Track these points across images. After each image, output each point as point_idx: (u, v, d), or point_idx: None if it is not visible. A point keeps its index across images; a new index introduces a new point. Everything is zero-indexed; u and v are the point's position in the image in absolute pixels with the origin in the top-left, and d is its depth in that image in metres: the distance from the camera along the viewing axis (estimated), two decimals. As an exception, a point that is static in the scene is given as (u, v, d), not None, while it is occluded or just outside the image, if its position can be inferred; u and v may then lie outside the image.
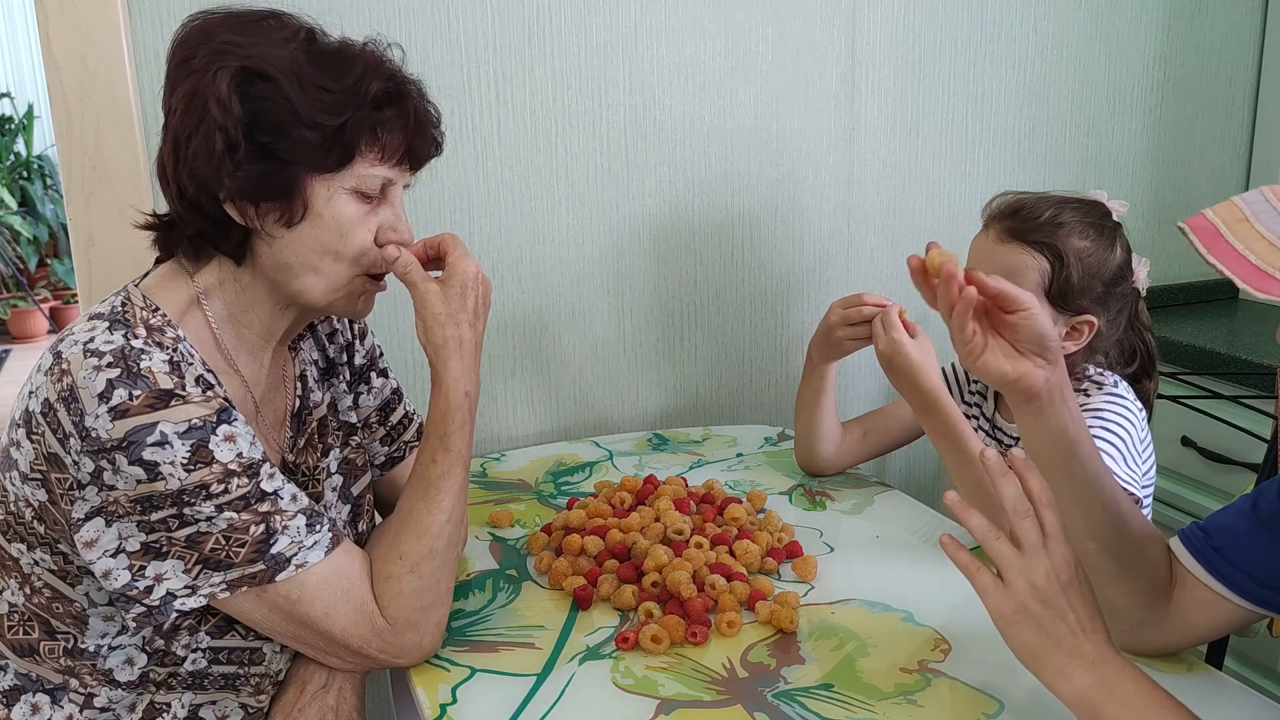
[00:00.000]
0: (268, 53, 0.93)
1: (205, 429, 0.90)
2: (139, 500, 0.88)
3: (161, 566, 0.90)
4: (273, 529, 0.92)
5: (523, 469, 1.57)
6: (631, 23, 1.65)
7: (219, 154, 0.92)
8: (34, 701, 0.99)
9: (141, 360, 0.89)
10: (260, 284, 1.00)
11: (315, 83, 0.93)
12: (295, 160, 0.93)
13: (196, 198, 0.95)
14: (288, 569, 0.93)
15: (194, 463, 0.89)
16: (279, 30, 0.96)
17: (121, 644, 0.98)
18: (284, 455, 1.07)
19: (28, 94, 5.40)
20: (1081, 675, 0.81)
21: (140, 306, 0.96)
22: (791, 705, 0.96)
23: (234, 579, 0.91)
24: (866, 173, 1.86)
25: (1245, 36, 2.10)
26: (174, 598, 0.91)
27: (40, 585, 0.96)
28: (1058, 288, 1.24)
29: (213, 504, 0.90)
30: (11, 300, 5.19)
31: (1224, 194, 2.13)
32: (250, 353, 1.03)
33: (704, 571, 1.15)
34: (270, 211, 0.95)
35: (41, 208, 5.23)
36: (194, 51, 0.94)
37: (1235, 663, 1.75)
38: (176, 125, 0.94)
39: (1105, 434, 1.21)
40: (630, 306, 1.76)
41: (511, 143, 1.62)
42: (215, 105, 0.91)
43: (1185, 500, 1.85)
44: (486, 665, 1.04)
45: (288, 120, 0.92)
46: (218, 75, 0.91)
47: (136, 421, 0.87)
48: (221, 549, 0.90)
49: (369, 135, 0.96)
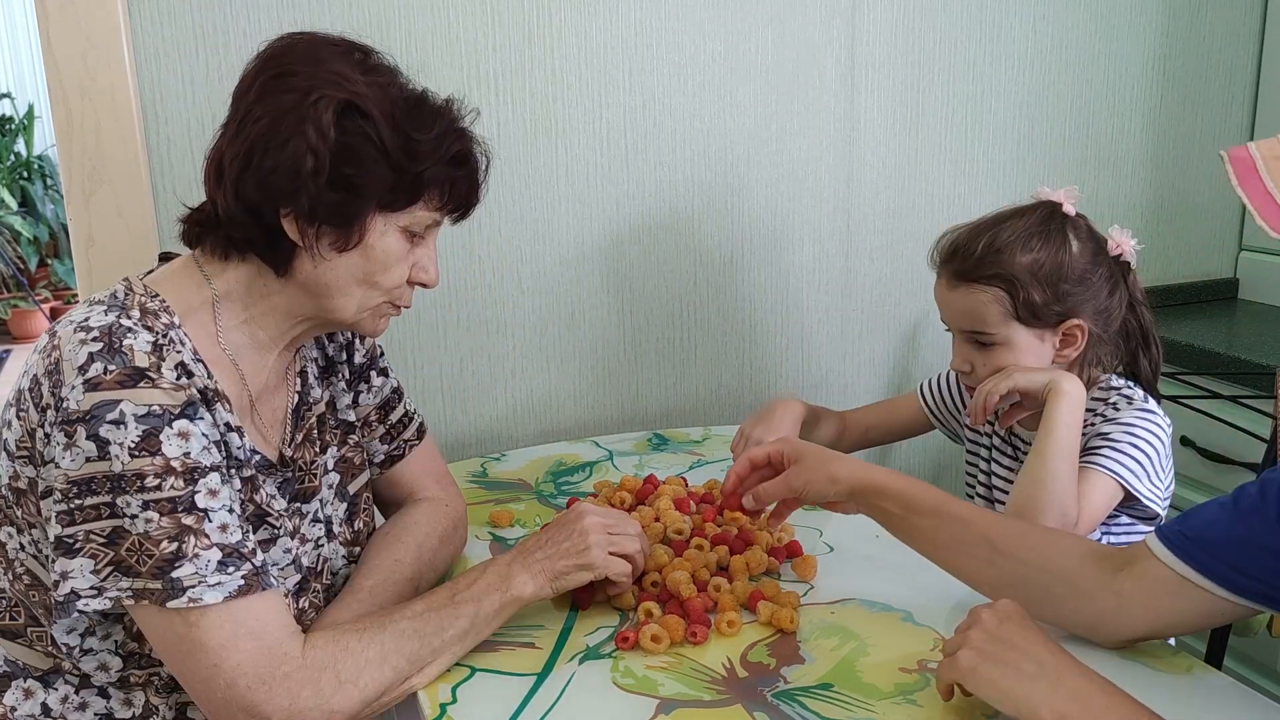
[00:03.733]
0: (371, 91, 0.97)
1: (163, 418, 0.89)
2: (77, 483, 0.88)
3: (69, 564, 0.89)
4: (183, 551, 0.89)
5: (523, 469, 1.57)
6: (631, 23, 1.65)
7: (305, 175, 0.94)
8: (26, 687, 0.99)
9: (125, 338, 0.90)
10: (288, 294, 1.02)
11: (406, 129, 0.98)
12: (368, 195, 0.97)
13: (257, 205, 0.96)
14: (180, 598, 0.89)
15: (140, 449, 0.88)
16: (373, 65, 1.00)
17: (91, 648, 0.97)
18: (281, 450, 1.07)
19: (28, 94, 5.40)
20: (1053, 695, 0.82)
21: (140, 294, 0.97)
22: (791, 705, 0.96)
23: (138, 588, 0.89)
24: (866, 173, 1.86)
25: (1245, 36, 2.10)
26: (77, 597, 0.89)
27: (21, 571, 0.97)
28: (1024, 310, 1.22)
29: (141, 498, 0.88)
30: (12, 300, 5.19)
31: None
32: (257, 351, 1.04)
33: (704, 572, 1.15)
34: (326, 234, 0.98)
35: (42, 208, 5.23)
36: (294, 69, 0.96)
37: (1235, 663, 1.75)
38: (258, 134, 0.95)
39: (1133, 450, 1.19)
40: (630, 306, 1.76)
41: (511, 143, 1.62)
42: (314, 129, 0.94)
43: (1185, 500, 1.84)
44: (486, 665, 1.04)
45: (374, 158, 0.96)
46: (321, 102, 0.94)
47: (103, 396, 0.88)
48: (135, 552, 0.89)
49: (438, 186, 1.01)
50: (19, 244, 5.14)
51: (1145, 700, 0.83)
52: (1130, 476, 1.18)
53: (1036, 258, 1.22)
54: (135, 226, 1.44)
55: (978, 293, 1.24)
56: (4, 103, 5.29)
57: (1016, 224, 1.25)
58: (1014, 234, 1.23)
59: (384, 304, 1.05)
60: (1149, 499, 1.19)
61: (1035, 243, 1.23)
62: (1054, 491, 1.15)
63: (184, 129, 1.45)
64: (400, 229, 1.01)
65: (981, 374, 1.26)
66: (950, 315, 1.30)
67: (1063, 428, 1.17)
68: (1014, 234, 1.23)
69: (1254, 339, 1.91)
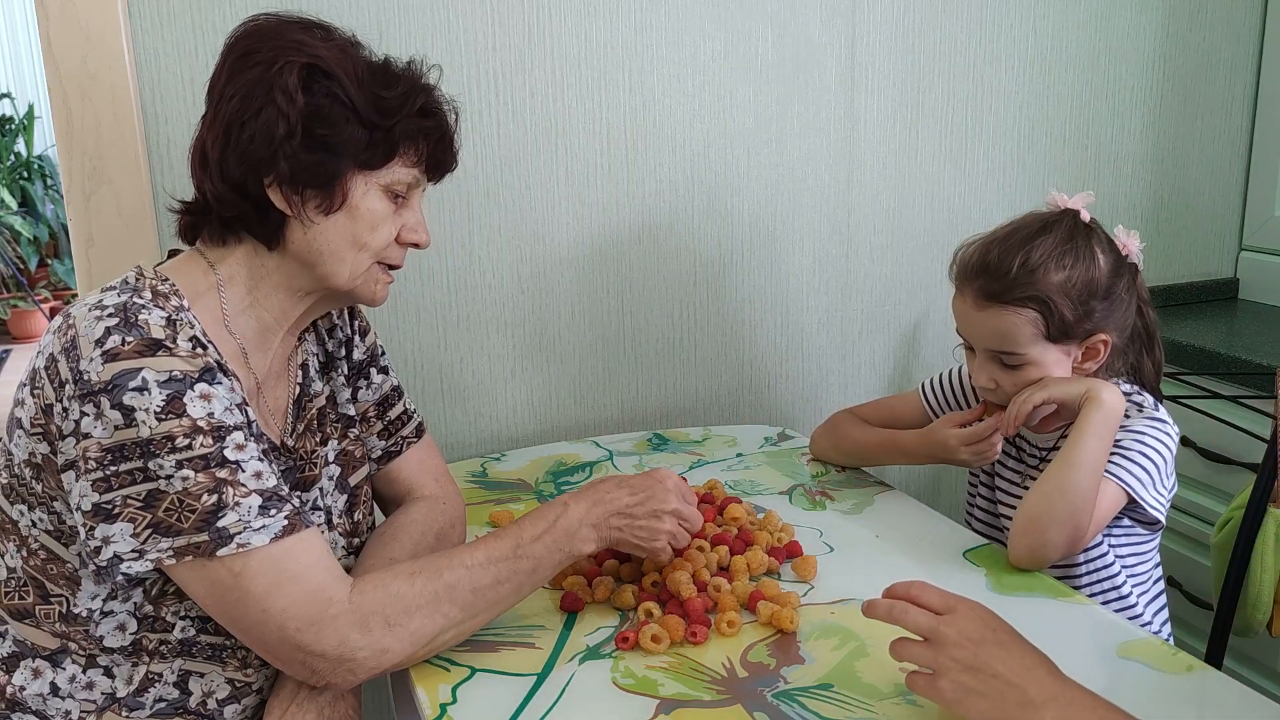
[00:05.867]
0: (332, 54, 1.01)
1: (184, 382, 0.92)
2: (110, 449, 0.90)
3: (110, 529, 0.91)
4: (224, 501, 0.92)
5: (523, 469, 1.57)
6: (631, 23, 1.65)
7: (279, 139, 0.98)
8: (34, 666, 1.00)
9: (140, 313, 0.94)
10: (286, 269, 1.05)
11: (371, 86, 1.01)
12: (344, 154, 1.01)
13: (242, 181, 1.00)
14: (229, 545, 0.92)
15: (166, 413, 0.90)
16: (334, 37, 1.04)
17: (113, 610, 0.99)
18: (284, 439, 1.09)
19: (28, 94, 5.40)
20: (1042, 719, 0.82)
21: (151, 278, 1.00)
22: (791, 705, 0.96)
23: (180, 546, 0.91)
24: (866, 172, 1.86)
25: (1244, 36, 2.10)
26: (120, 560, 0.92)
27: (37, 547, 0.98)
28: (1055, 330, 1.20)
29: (175, 459, 0.90)
30: (12, 300, 5.19)
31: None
32: (261, 335, 1.07)
33: (704, 572, 1.15)
34: (311, 199, 1.01)
35: (42, 208, 5.23)
36: (258, 46, 1.01)
37: (1235, 663, 1.75)
38: (233, 112, 0.99)
39: (1142, 458, 1.19)
40: (630, 306, 1.76)
41: (511, 142, 1.62)
42: (281, 95, 0.98)
43: (1185, 500, 1.85)
44: (486, 665, 1.04)
45: (344, 116, 1.00)
46: (285, 68, 0.98)
47: (124, 365, 0.90)
48: (174, 511, 0.91)
49: (410, 140, 1.05)
50: (19, 244, 5.14)
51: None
52: (1137, 485, 1.18)
53: (1069, 276, 1.19)
54: (135, 226, 1.44)
55: (1010, 314, 1.20)
56: (4, 103, 5.29)
57: (1047, 240, 1.21)
58: (1046, 252, 1.20)
59: (376, 267, 1.07)
60: (1153, 506, 1.19)
61: (1068, 259, 1.20)
62: (1072, 503, 1.14)
63: (184, 129, 1.45)
64: (381, 188, 1.04)
65: (1008, 392, 1.24)
66: (976, 334, 1.26)
67: (1093, 438, 1.15)
68: (1046, 252, 1.20)
69: (1254, 339, 1.91)
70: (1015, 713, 0.84)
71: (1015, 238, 1.23)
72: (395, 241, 1.07)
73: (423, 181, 1.09)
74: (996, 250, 1.22)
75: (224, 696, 1.04)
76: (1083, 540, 1.16)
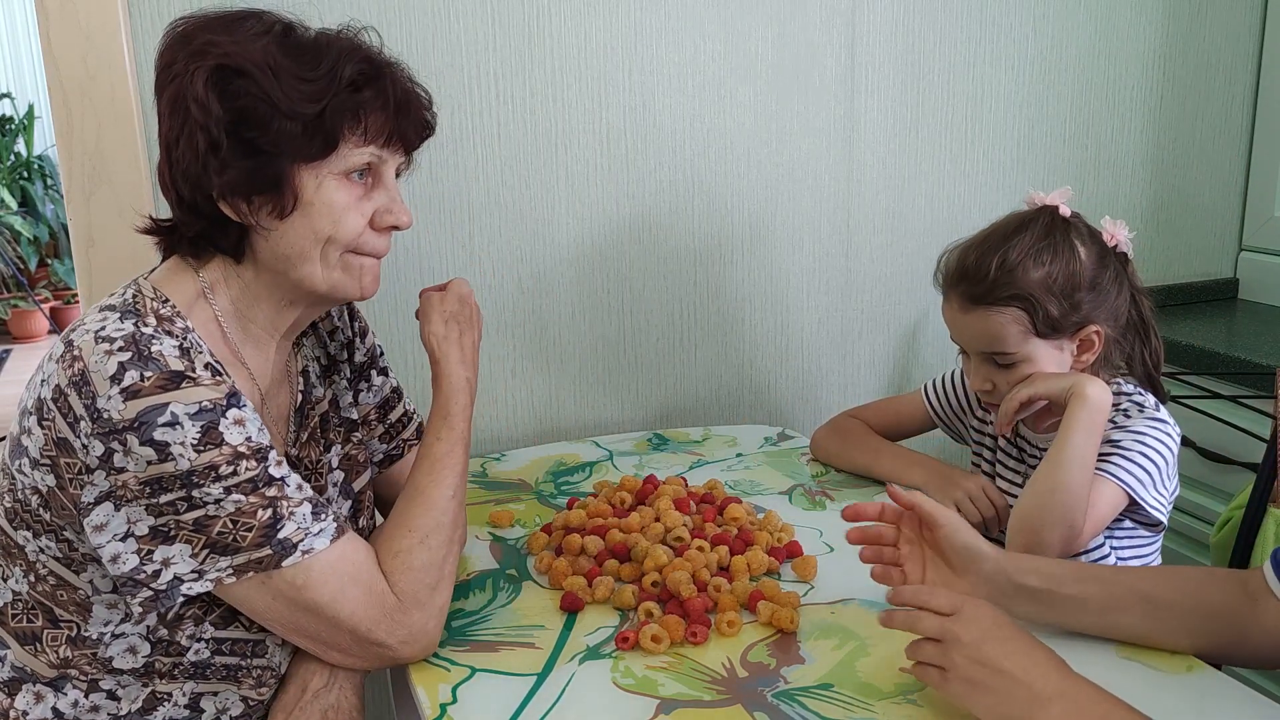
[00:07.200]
0: (242, 49, 0.94)
1: (215, 411, 0.91)
2: (148, 482, 0.89)
3: (169, 550, 0.91)
4: (280, 514, 0.93)
5: (523, 469, 1.57)
6: (631, 23, 1.65)
7: (203, 153, 0.94)
8: (36, 691, 0.99)
9: (152, 344, 0.91)
10: (262, 279, 1.02)
11: (291, 73, 0.94)
12: (280, 152, 0.95)
13: (192, 199, 0.97)
14: (294, 554, 0.93)
15: (204, 444, 0.89)
16: (255, 26, 0.97)
17: (124, 632, 0.98)
18: (287, 449, 1.08)
19: (28, 94, 5.40)
20: (1049, 714, 0.83)
21: (150, 298, 0.98)
22: (791, 705, 0.96)
23: (240, 563, 0.92)
24: (866, 173, 1.86)
25: (1244, 36, 2.10)
26: (180, 582, 0.91)
27: (45, 573, 0.97)
28: (1043, 325, 1.20)
29: (221, 486, 0.90)
30: (12, 300, 5.19)
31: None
32: (256, 346, 1.05)
33: (704, 572, 1.15)
34: (263, 205, 0.97)
35: (42, 208, 5.23)
36: (175, 56, 0.96)
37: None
38: (165, 131, 0.97)
39: (1143, 459, 1.19)
40: (630, 306, 1.76)
41: (511, 143, 1.62)
42: (195, 105, 0.93)
43: (1185, 500, 1.85)
44: (487, 665, 1.04)
45: (267, 113, 0.94)
46: (194, 76, 0.93)
47: (148, 402, 0.88)
48: (229, 532, 0.91)
49: (350, 119, 0.97)
50: (19, 244, 5.14)
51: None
52: (1138, 485, 1.18)
53: (1049, 271, 1.20)
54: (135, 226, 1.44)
55: (995, 315, 1.21)
56: (4, 103, 5.29)
57: (1023, 239, 1.21)
58: (1023, 250, 1.20)
59: (351, 258, 1.02)
60: (1153, 507, 1.19)
61: (1046, 255, 1.20)
62: (1064, 502, 1.14)
63: (184, 129, 1.45)
64: (337, 176, 0.98)
65: (1004, 392, 1.24)
66: (966, 338, 1.27)
67: (1080, 434, 1.15)
68: (1023, 250, 1.20)
69: (1254, 339, 1.91)
70: (1023, 708, 0.84)
71: (992, 239, 1.24)
72: (371, 228, 1.01)
73: (391, 157, 1.02)
74: (974, 254, 1.23)
75: (238, 714, 1.04)
76: (1079, 539, 1.15)
